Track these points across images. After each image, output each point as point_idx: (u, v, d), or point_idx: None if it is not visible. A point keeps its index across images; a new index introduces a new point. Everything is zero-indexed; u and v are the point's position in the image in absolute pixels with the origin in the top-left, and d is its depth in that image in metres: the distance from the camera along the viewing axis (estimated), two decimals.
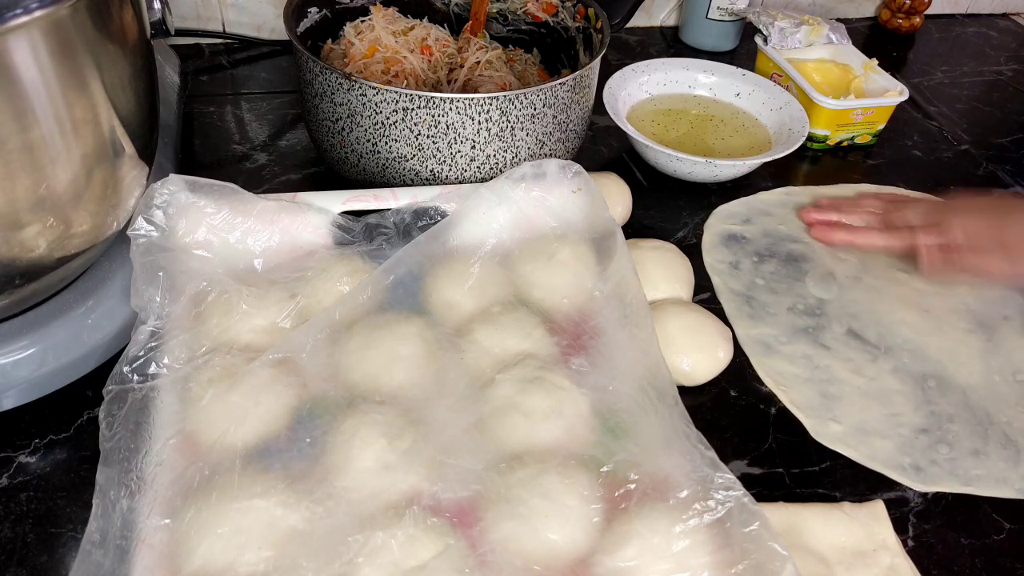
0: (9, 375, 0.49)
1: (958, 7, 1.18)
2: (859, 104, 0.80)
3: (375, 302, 0.54)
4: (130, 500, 0.43)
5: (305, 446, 0.47)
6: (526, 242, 0.59)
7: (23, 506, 0.47)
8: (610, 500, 0.45)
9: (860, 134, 0.83)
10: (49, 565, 0.45)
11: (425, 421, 0.48)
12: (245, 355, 0.50)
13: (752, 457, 0.54)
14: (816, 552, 0.47)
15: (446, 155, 0.62)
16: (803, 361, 0.60)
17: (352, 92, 0.60)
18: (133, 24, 0.47)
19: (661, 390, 0.50)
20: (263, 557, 0.42)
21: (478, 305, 0.55)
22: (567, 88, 0.63)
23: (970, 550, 0.50)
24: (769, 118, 0.80)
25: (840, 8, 1.12)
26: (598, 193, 0.61)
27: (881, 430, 0.56)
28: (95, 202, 0.48)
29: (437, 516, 0.44)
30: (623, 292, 0.56)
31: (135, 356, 0.49)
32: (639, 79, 0.82)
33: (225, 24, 0.91)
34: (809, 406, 0.57)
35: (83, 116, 0.44)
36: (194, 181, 0.55)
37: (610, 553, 0.43)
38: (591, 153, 0.81)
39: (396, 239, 0.58)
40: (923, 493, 0.52)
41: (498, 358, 0.52)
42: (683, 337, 0.57)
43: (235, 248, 0.56)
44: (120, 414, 0.46)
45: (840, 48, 0.89)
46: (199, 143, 0.77)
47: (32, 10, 0.37)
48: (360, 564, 0.41)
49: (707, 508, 0.43)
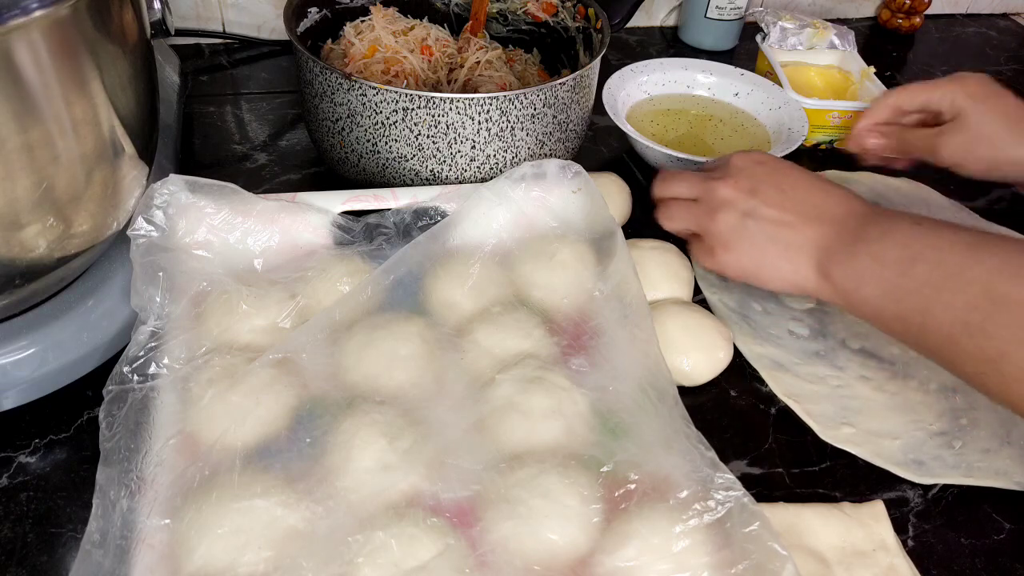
0: (9, 375, 0.49)
1: (958, 7, 1.18)
2: (833, 106, 0.80)
3: (375, 302, 0.54)
4: (130, 500, 0.43)
5: (305, 446, 0.47)
6: (526, 242, 0.59)
7: (23, 506, 0.47)
8: (610, 500, 0.45)
9: (839, 138, 0.83)
10: (49, 565, 0.45)
11: (425, 421, 0.48)
12: (245, 355, 0.50)
13: (752, 457, 0.54)
14: (816, 552, 0.47)
15: (446, 155, 0.62)
16: (821, 381, 0.58)
17: (352, 92, 0.60)
18: (133, 24, 0.47)
19: (661, 390, 0.50)
20: (263, 557, 0.42)
21: (478, 305, 0.55)
22: (567, 88, 0.63)
23: (970, 550, 0.50)
24: (768, 118, 0.80)
25: (840, 8, 1.12)
26: (598, 193, 0.61)
27: (895, 432, 0.55)
28: (95, 202, 0.48)
29: (437, 516, 0.44)
30: (623, 292, 0.56)
31: (135, 356, 0.49)
32: (638, 79, 0.82)
33: (225, 24, 0.91)
34: (824, 415, 0.56)
35: (83, 116, 0.43)
36: (194, 181, 0.55)
37: (610, 553, 0.43)
38: (591, 153, 0.80)
39: (396, 239, 0.58)
40: (923, 493, 0.52)
41: (498, 358, 0.52)
42: (683, 337, 0.57)
43: (235, 248, 0.56)
44: (120, 414, 0.46)
45: (845, 54, 0.89)
46: (199, 143, 0.77)
47: (32, 10, 0.37)
48: (360, 564, 0.41)
49: (707, 508, 0.43)
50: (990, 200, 0.80)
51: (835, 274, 0.52)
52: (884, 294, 0.50)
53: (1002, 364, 0.44)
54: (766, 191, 0.56)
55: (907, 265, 0.49)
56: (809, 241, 0.54)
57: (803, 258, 0.54)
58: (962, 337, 0.46)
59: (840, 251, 0.52)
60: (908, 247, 0.49)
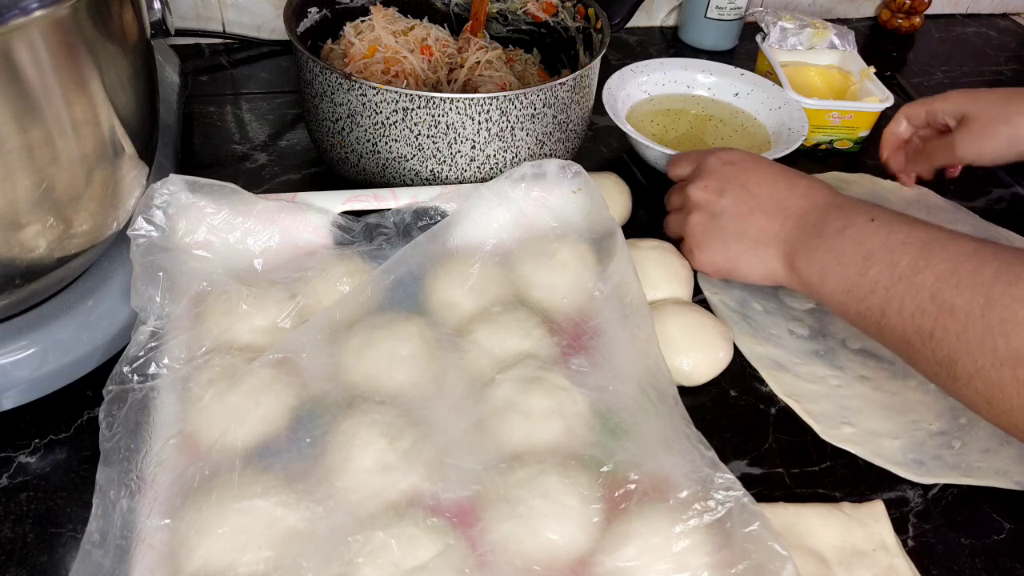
0: (9, 375, 0.49)
1: (958, 7, 1.18)
2: (833, 106, 0.80)
3: (375, 302, 0.54)
4: (130, 500, 0.43)
5: (305, 446, 0.47)
6: (526, 242, 0.59)
7: (23, 506, 0.47)
8: (610, 500, 0.45)
9: (839, 139, 0.83)
10: (49, 565, 0.45)
11: (425, 421, 0.48)
12: (245, 355, 0.50)
13: (752, 457, 0.54)
14: (816, 552, 0.47)
15: (446, 155, 0.62)
16: (821, 381, 0.59)
17: (352, 92, 0.60)
18: (133, 24, 0.47)
19: (661, 390, 0.50)
20: (263, 557, 0.42)
21: (478, 305, 0.55)
22: (567, 88, 0.63)
23: (970, 550, 0.50)
24: (768, 118, 0.80)
25: (840, 8, 1.12)
26: (598, 193, 0.61)
27: (895, 432, 0.55)
28: (95, 202, 0.48)
29: (437, 516, 0.44)
30: (623, 292, 0.56)
31: (135, 356, 0.49)
32: (638, 79, 0.82)
33: (225, 24, 0.91)
34: (824, 415, 0.56)
35: (83, 116, 0.43)
36: (194, 181, 0.55)
37: (610, 553, 0.43)
38: (591, 153, 0.80)
39: (396, 239, 0.58)
40: (923, 493, 0.52)
41: (498, 358, 0.52)
42: (683, 337, 0.57)
43: (235, 248, 0.56)
44: (120, 414, 0.46)
45: (845, 54, 0.89)
46: (199, 143, 0.77)
47: (32, 10, 0.37)
48: (360, 564, 0.41)
49: (707, 508, 0.43)
50: (989, 200, 0.81)
51: (800, 268, 0.54)
52: (845, 291, 0.51)
53: (952, 369, 0.45)
54: (733, 190, 0.58)
55: (862, 264, 0.50)
56: (774, 236, 0.56)
57: (770, 252, 0.56)
58: (915, 340, 0.47)
59: (803, 245, 0.54)
60: (862, 244, 0.50)
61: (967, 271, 0.45)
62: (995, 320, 0.43)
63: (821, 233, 0.53)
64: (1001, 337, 0.42)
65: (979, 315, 0.43)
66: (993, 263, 0.45)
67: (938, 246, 0.48)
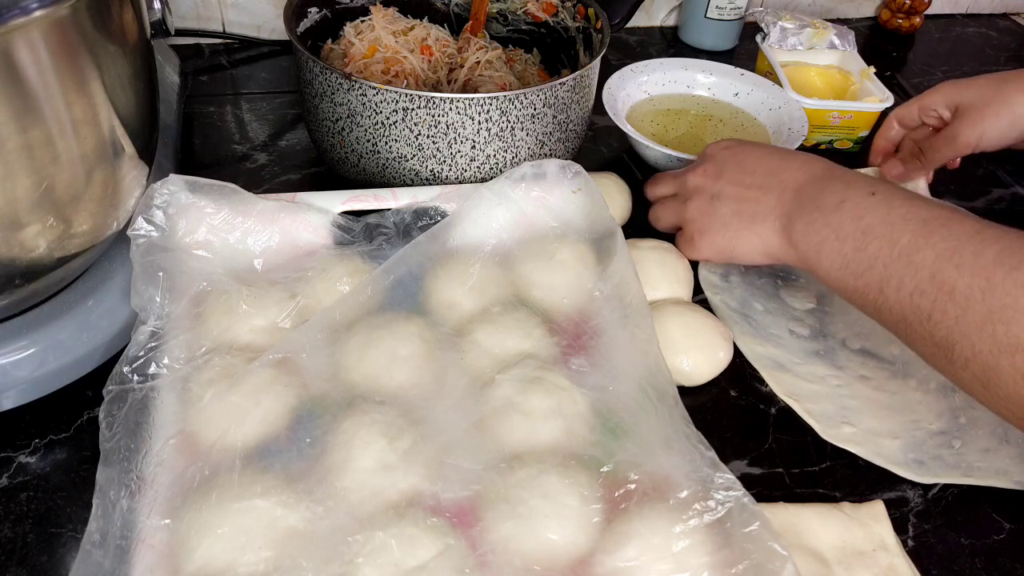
0: (9, 375, 0.49)
1: (958, 7, 1.18)
2: (833, 106, 0.80)
3: (375, 302, 0.54)
4: (130, 500, 0.43)
5: (305, 446, 0.47)
6: (526, 242, 0.59)
7: (23, 506, 0.47)
8: (610, 500, 0.45)
9: (839, 139, 0.83)
10: (49, 565, 0.45)
11: (425, 421, 0.48)
12: (245, 355, 0.50)
13: (752, 457, 0.54)
14: (816, 552, 0.47)
15: (446, 155, 0.62)
16: (821, 381, 0.58)
17: (352, 92, 0.60)
18: (133, 24, 0.47)
19: (661, 390, 0.50)
20: (263, 557, 0.42)
21: (478, 305, 0.55)
22: (567, 88, 0.63)
23: (970, 550, 0.50)
24: (768, 117, 0.80)
25: (840, 8, 1.12)
26: (598, 193, 0.61)
27: (894, 431, 0.55)
28: (95, 202, 0.48)
29: (437, 516, 0.44)
30: (623, 292, 0.56)
31: (135, 356, 0.49)
32: (638, 79, 0.82)
33: (225, 24, 0.91)
34: (824, 415, 0.56)
35: (83, 116, 0.43)
36: (194, 181, 0.55)
37: (610, 553, 0.43)
38: (591, 153, 0.80)
39: (396, 239, 0.58)
40: (923, 493, 0.52)
41: (498, 358, 0.52)
42: (683, 337, 0.57)
43: (235, 248, 0.56)
44: (120, 414, 0.46)
45: (845, 54, 0.89)
46: (199, 143, 0.77)
47: (32, 10, 0.37)
48: (360, 564, 0.41)
49: (707, 508, 0.43)
50: (989, 200, 0.81)
51: (798, 242, 0.53)
52: (842, 267, 0.50)
53: (949, 351, 0.44)
54: (730, 172, 0.58)
55: (861, 240, 0.49)
56: (771, 209, 0.55)
57: (768, 226, 0.55)
58: (913, 319, 0.46)
59: (800, 218, 0.53)
60: (862, 218, 0.49)
61: (969, 252, 0.44)
62: (996, 306, 0.42)
63: (819, 206, 0.52)
64: (1001, 324, 0.42)
65: (979, 299, 0.43)
66: (996, 245, 0.44)
67: (939, 224, 0.46)
